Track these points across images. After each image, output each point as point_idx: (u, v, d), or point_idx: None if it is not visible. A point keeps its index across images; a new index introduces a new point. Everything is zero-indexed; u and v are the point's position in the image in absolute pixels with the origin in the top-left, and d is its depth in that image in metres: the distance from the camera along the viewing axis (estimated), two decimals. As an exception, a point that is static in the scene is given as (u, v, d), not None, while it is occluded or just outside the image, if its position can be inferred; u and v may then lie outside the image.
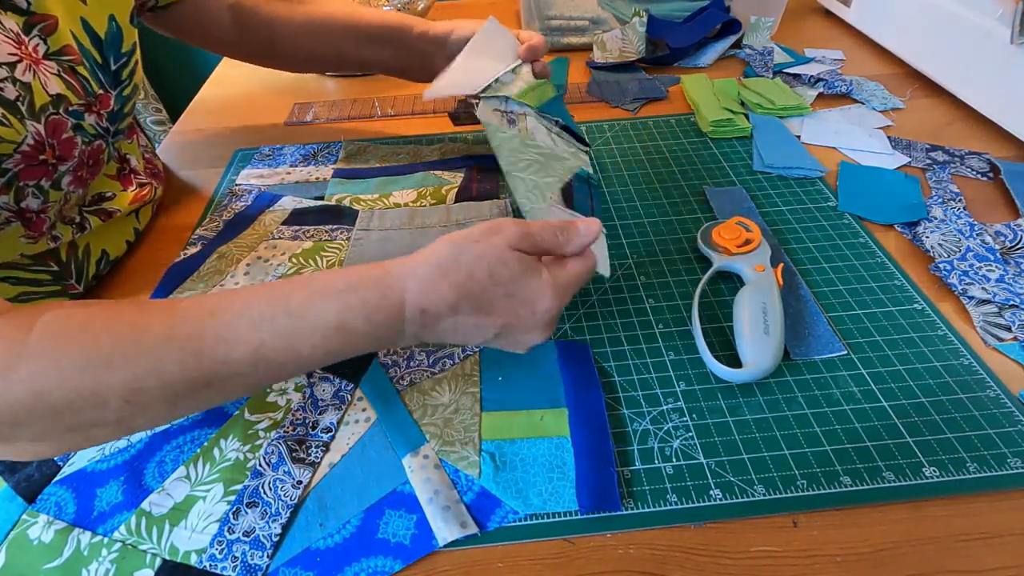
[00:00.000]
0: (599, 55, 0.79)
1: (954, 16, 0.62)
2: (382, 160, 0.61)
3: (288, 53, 0.60)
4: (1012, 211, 0.51)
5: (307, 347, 0.30)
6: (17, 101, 0.37)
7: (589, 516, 0.32)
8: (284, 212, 0.54)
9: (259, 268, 0.48)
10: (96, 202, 0.48)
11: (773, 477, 0.34)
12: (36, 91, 0.38)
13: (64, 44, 0.41)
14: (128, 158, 0.53)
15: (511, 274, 0.31)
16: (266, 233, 0.52)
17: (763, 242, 0.46)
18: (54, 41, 0.40)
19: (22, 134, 0.37)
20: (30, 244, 0.42)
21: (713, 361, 0.38)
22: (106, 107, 0.44)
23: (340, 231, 0.51)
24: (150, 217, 0.55)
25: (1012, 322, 0.41)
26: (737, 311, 0.41)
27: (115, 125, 0.46)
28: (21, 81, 0.37)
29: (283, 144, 0.64)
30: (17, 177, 0.38)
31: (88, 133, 0.43)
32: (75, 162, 0.42)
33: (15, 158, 0.37)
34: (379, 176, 0.59)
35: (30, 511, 0.34)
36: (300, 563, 0.31)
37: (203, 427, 0.37)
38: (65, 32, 0.41)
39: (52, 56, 0.40)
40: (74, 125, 0.41)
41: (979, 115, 0.62)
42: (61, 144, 0.40)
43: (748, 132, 0.62)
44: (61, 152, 0.40)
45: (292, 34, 0.58)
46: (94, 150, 0.44)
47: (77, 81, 0.42)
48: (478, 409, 0.38)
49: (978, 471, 0.33)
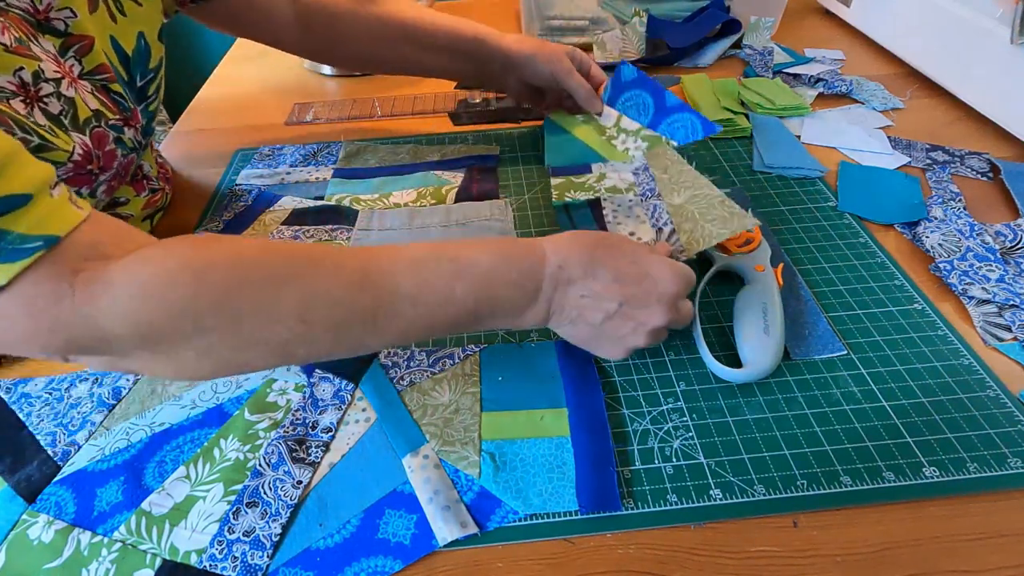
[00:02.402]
0: (599, 55, 0.79)
1: (954, 16, 0.62)
2: (382, 160, 0.61)
3: (350, 52, 0.59)
4: (1012, 211, 0.51)
5: (460, 288, 0.32)
6: (61, 115, 0.37)
7: (589, 516, 0.32)
8: (284, 212, 0.54)
9: None
10: (110, 207, 0.48)
11: (773, 477, 0.34)
12: (79, 106, 0.39)
13: (98, 63, 0.41)
14: (141, 164, 0.53)
15: (637, 247, 0.36)
16: (266, 233, 0.52)
17: (763, 242, 0.46)
18: (89, 61, 0.40)
19: (71, 144, 0.37)
20: None
21: (713, 361, 0.38)
22: (137, 121, 0.45)
23: (340, 231, 0.51)
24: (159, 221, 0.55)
25: (1012, 322, 0.41)
26: (737, 311, 0.41)
27: (145, 139, 0.47)
28: (65, 96, 0.37)
29: (283, 144, 0.64)
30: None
31: (127, 146, 0.43)
32: (112, 172, 0.42)
33: (68, 166, 0.37)
34: (379, 176, 0.58)
35: (30, 511, 0.34)
36: (300, 563, 0.31)
37: (203, 427, 0.37)
38: (99, 53, 0.41)
39: (86, 76, 0.40)
40: (115, 138, 0.42)
41: (979, 115, 0.62)
42: (105, 155, 0.41)
43: (748, 132, 0.62)
44: (104, 163, 0.41)
45: (357, 33, 0.56)
46: (128, 162, 0.45)
47: (110, 98, 0.42)
48: (478, 409, 0.38)
49: (978, 471, 0.33)
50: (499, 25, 0.60)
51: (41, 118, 0.36)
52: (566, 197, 0.52)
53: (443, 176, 0.57)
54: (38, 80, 0.36)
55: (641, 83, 0.55)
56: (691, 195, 0.46)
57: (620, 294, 0.34)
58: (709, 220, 0.43)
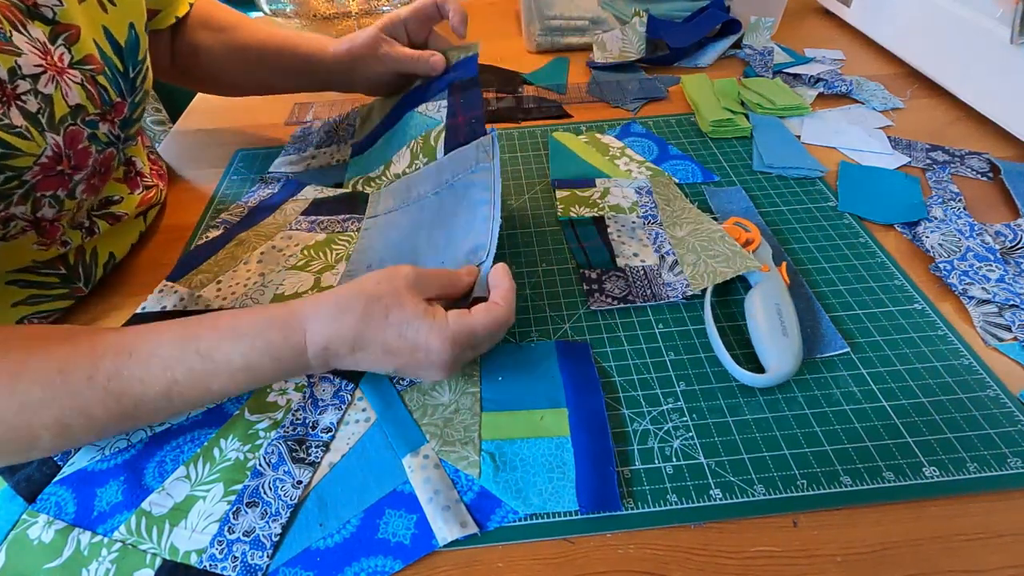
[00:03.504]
0: (599, 55, 0.79)
1: (954, 16, 0.62)
2: (383, 110, 0.60)
3: (217, 81, 0.59)
4: (1012, 211, 0.51)
5: (216, 384, 0.32)
6: (38, 113, 0.37)
7: (589, 516, 0.32)
8: (306, 201, 0.55)
9: (272, 257, 0.49)
10: (104, 206, 0.48)
11: (773, 477, 0.34)
12: (57, 102, 0.38)
13: (87, 53, 0.41)
14: (134, 160, 0.53)
15: (404, 316, 0.33)
16: (285, 223, 0.53)
17: (763, 242, 0.46)
18: (77, 50, 0.40)
19: (42, 146, 0.37)
20: (41, 251, 0.43)
21: (736, 368, 0.38)
22: (120, 115, 0.45)
23: (352, 221, 0.52)
24: (154, 218, 0.55)
25: (1012, 322, 0.41)
26: (750, 313, 0.40)
27: (126, 131, 0.46)
28: (43, 93, 0.37)
29: (281, 145, 0.65)
30: (34, 188, 0.38)
31: (101, 142, 0.43)
32: (88, 171, 0.42)
33: (34, 170, 0.37)
34: (382, 135, 0.58)
35: (30, 511, 0.34)
36: (300, 563, 0.31)
37: (203, 427, 0.37)
38: (88, 41, 0.41)
39: (76, 65, 0.40)
40: (89, 135, 0.42)
41: (979, 115, 0.62)
42: (77, 154, 0.41)
43: (748, 132, 0.62)
44: (77, 162, 0.41)
45: (214, 63, 0.57)
46: (106, 157, 0.44)
47: (96, 90, 0.42)
48: (478, 409, 0.38)
49: (978, 471, 0.33)
50: (499, 25, 0.60)
51: (18, 118, 0.36)
52: (571, 213, 0.53)
53: (428, 113, 0.54)
54: (14, 77, 0.36)
55: (647, 136, 0.60)
56: (692, 228, 0.48)
57: (392, 364, 0.34)
58: (712, 256, 0.45)
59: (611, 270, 0.47)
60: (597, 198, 0.54)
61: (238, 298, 0.45)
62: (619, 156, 0.60)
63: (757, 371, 0.38)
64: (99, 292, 0.48)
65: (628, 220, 0.51)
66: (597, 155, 0.60)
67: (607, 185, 0.56)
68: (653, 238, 0.49)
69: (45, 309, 0.44)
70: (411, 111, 0.55)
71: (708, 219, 0.48)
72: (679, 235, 0.48)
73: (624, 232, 0.50)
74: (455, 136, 0.51)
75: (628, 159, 0.59)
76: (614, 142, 0.62)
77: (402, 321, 0.33)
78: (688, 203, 0.52)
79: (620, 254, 0.48)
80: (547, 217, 0.53)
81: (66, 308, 0.46)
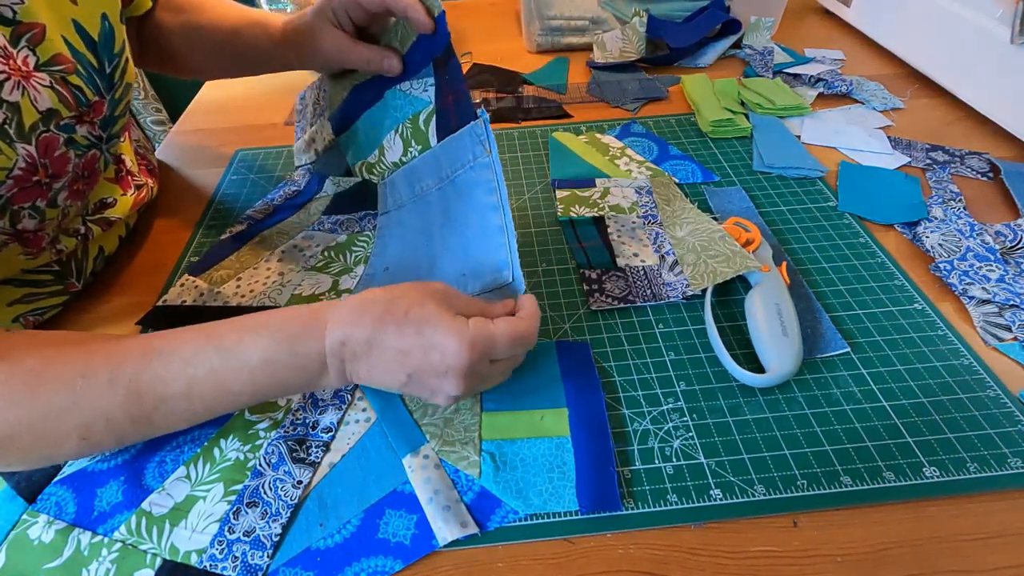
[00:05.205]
0: (599, 55, 0.79)
1: (954, 16, 0.62)
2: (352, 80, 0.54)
3: (180, 63, 0.56)
4: (1012, 211, 0.51)
5: (236, 382, 0.32)
6: (4, 125, 0.35)
7: (589, 516, 0.32)
8: (327, 198, 0.56)
9: (293, 256, 0.49)
10: (98, 210, 0.47)
11: (773, 477, 0.34)
12: (25, 110, 0.36)
13: (55, 53, 0.38)
14: (123, 158, 0.52)
15: (424, 314, 0.32)
16: (309, 222, 0.53)
17: (763, 242, 0.46)
18: (43, 51, 0.37)
19: (12, 159, 0.36)
20: (30, 260, 0.42)
21: (737, 368, 0.38)
22: (99, 114, 0.42)
23: (368, 218, 0.53)
24: (153, 219, 0.55)
25: (1012, 322, 0.41)
26: (750, 313, 0.40)
27: (108, 131, 0.45)
28: (8, 102, 0.35)
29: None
30: (10, 201, 0.37)
31: (81, 145, 0.41)
32: (69, 177, 0.41)
33: (7, 184, 0.36)
34: (363, 111, 0.53)
35: (30, 511, 0.34)
36: (300, 563, 0.31)
37: (203, 427, 0.37)
38: (55, 39, 0.38)
39: (43, 67, 0.38)
40: (66, 140, 0.40)
41: (979, 115, 0.62)
42: (54, 162, 0.39)
43: (748, 132, 0.62)
44: (54, 170, 0.39)
45: (175, 45, 0.54)
46: (88, 160, 0.43)
47: (69, 92, 0.39)
48: (478, 409, 0.38)
49: (978, 471, 0.33)
50: (499, 25, 0.59)
51: None
52: (571, 213, 0.53)
53: (413, 92, 0.49)
54: None
55: (647, 136, 0.59)
56: (692, 228, 0.48)
57: (407, 367, 0.32)
58: (712, 256, 0.45)
59: (611, 270, 0.47)
60: (597, 198, 0.54)
61: (256, 296, 0.45)
62: (619, 156, 0.60)
63: (757, 371, 0.38)
64: (99, 293, 0.48)
65: (628, 220, 0.51)
66: (597, 155, 0.60)
67: (607, 185, 0.56)
68: (653, 238, 0.49)
69: (42, 306, 0.44)
70: (393, 88, 0.51)
71: (708, 219, 0.48)
72: (679, 235, 0.48)
73: (624, 232, 0.50)
74: (446, 120, 0.48)
75: (628, 159, 0.59)
76: (614, 142, 0.62)
77: (421, 319, 0.32)
78: (688, 203, 0.52)
79: (620, 254, 0.48)
80: (547, 217, 0.53)
81: (62, 304, 0.46)
